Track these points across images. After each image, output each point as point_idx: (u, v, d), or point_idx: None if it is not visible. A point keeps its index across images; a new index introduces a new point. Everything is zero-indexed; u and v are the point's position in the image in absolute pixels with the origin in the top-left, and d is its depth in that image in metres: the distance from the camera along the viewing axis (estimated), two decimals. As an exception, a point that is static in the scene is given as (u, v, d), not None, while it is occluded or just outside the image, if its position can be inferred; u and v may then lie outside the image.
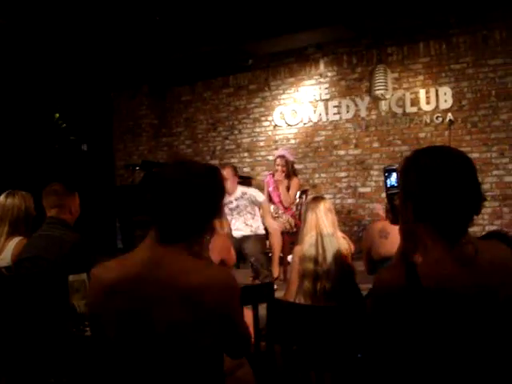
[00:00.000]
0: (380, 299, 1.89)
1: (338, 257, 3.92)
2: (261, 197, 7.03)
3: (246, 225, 6.92)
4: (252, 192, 7.05)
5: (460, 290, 1.77)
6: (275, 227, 7.12)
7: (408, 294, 1.77)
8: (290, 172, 7.75)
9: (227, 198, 6.94)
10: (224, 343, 1.95)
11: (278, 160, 7.72)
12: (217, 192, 1.96)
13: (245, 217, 6.93)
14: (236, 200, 6.92)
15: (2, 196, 4.28)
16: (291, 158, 7.88)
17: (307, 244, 3.97)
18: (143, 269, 1.86)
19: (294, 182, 7.74)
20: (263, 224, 7.04)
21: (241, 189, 7.02)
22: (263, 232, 7.04)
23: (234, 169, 7.11)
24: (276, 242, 7.06)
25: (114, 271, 1.90)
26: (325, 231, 3.96)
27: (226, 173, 6.79)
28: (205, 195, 1.88)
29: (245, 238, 6.82)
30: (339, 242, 4.02)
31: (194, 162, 2.04)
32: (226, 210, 6.98)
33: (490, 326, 1.78)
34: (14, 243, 4.13)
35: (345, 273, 3.95)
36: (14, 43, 8.55)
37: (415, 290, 1.76)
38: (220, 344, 1.93)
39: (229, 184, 6.86)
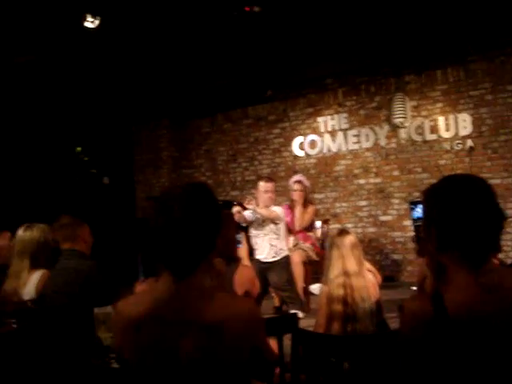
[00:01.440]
0: (408, 328, 1.88)
1: (367, 296, 3.83)
2: (277, 209, 6.89)
3: (272, 246, 6.84)
4: (279, 210, 6.95)
5: (486, 318, 1.76)
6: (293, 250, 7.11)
7: (436, 324, 1.76)
8: (307, 199, 7.72)
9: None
10: (251, 370, 1.96)
11: (296, 185, 7.68)
12: (211, 217, 1.90)
13: (269, 236, 6.87)
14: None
15: (21, 230, 4.23)
16: (307, 184, 7.86)
17: (334, 284, 3.83)
18: (167, 305, 1.85)
19: (310, 208, 7.69)
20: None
21: (273, 206, 6.95)
22: (287, 254, 6.89)
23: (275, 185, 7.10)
24: (297, 272, 6.99)
25: (137, 307, 1.89)
26: (351, 270, 3.82)
27: (271, 185, 6.82)
28: (192, 233, 1.84)
29: (270, 266, 6.70)
30: (366, 279, 3.92)
31: (177, 195, 1.91)
32: (254, 227, 6.93)
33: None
34: (37, 276, 4.06)
35: (374, 311, 3.87)
36: (40, 78, 8.69)
37: (443, 321, 1.76)
38: (247, 373, 1.92)
39: (272, 197, 6.81)
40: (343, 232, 4.06)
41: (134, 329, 1.87)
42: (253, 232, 6.95)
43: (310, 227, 7.71)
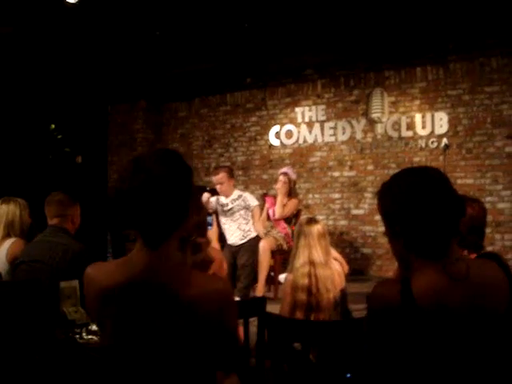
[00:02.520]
0: (375, 313, 1.89)
1: (332, 286, 3.83)
2: (254, 201, 7.12)
3: (240, 230, 6.96)
4: (247, 195, 7.16)
5: (453, 305, 1.78)
6: (261, 234, 7.22)
7: (403, 310, 1.77)
8: (292, 191, 7.77)
9: (223, 201, 6.97)
10: (218, 354, 1.93)
11: (281, 176, 7.77)
12: (181, 188, 1.86)
13: (239, 221, 6.97)
14: (232, 202, 6.96)
15: None
16: (293, 177, 7.90)
17: (299, 273, 3.83)
18: (142, 275, 1.82)
19: (293, 201, 7.75)
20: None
21: (237, 192, 7.10)
22: (254, 235, 7.09)
23: (230, 171, 7.13)
24: (264, 258, 7.05)
25: (110, 276, 1.86)
26: (317, 260, 3.82)
27: (221, 177, 6.85)
28: (170, 195, 1.80)
29: (238, 249, 6.93)
30: (332, 270, 3.92)
31: (151, 160, 1.88)
32: (221, 214, 7.02)
33: (480, 341, 1.79)
34: (9, 243, 4.20)
35: (338, 301, 3.87)
36: (15, 53, 8.56)
37: (409, 306, 1.76)
38: (214, 354, 1.91)
39: (224, 187, 6.89)
40: (311, 220, 4.05)
41: (106, 298, 1.84)
42: (222, 219, 7.04)
43: (290, 219, 7.75)
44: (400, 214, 1.86)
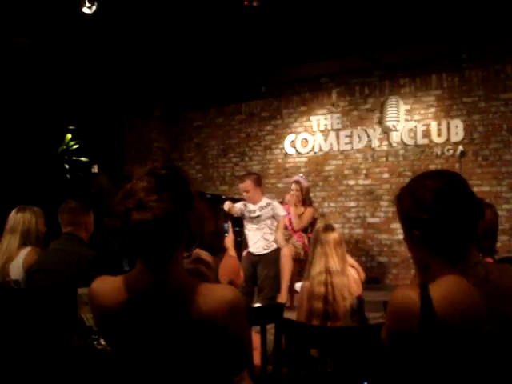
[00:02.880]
0: (394, 318, 1.88)
1: (348, 294, 3.82)
2: (283, 212, 7.02)
3: (264, 239, 6.92)
4: (276, 204, 7.04)
5: (472, 310, 1.76)
6: (283, 245, 7.08)
7: (421, 314, 1.76)
8: (306, 199, 7.75)
9: (251, 207, 6.94)
10: (228, 362, 1.93)
11: (293, 185, 7.75)
12: (177, 211, 1.79)
13: (264, 230, 6.92)
14: (260, 210, 6.90)
15: (14, 210, 4.39)
16: (305, 185, 7.87)
17: (316, 281, 3.83)
18: (146, 297, 1.82)
19: (309, 210, 7.74)
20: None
21: (266, 199, 7.03)
22: (276, 246, 6.99)
23: (257, 179, 7.03)
24: (286, 266, 7.00)
25: (114, 293, 1.85)
26: (334, 268, 3.82)
27: (247, 185, 6.82)
28: (165, 222, 1.74)
29: (259, 258, 6.87)
30: (348, 278, 3.91)
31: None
32: (247, 221, 6.99)
33: (503, 346, 1.77)
34: (25, 251, 4.23)
35: (355, 309, 3.86)
36: (32, 64, 8.64)
37: (427, 311, 1.75)
38: (225, 363, 1.91)
39: (250, 195, 6.86)
40: (328, 228, 4.05)
41: (111, 317, 1.85)
42: (247, 226, 7.01)
43: (306, 228, 7.74)
44: (421, 217, 1.84)
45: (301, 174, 8.48)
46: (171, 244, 1.80)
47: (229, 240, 6.60)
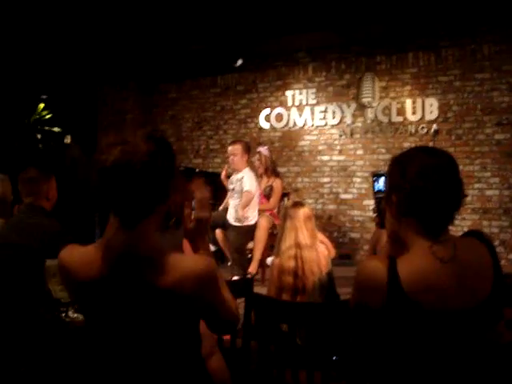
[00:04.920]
0: (362, 288, 1.90)
1: (317, 269, 3.82)
2: (247, 186, 6.89)
3: (236, 211, 6.90)
4: (246, 179, 6.93)
5: (439, 286, 1.79)
6: (244, 219, 6.97)
7: (387, 287, 1.78)
8: (269, 169, 7.63)
9: (232, 178, 6.91)
10: (208, 325, 1.94)
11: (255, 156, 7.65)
12: (162, 167, 1.81)
13: (236, 202, 6.91)
14: (235, 182, 6.92)
15: None
16: (266, 153, 7.68)
17: (286, 256, 3.82)
18: (117, 264, 1.80)
19: (277, 182, 7.62)
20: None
21: (245, 171, 6.97)
22: (251, 223, 6.97)
23: (245, 146, 7.03)
24: (261, 237, 6.96)
25: (86, 264, 1.83)
26: (303, 242, 3.80)
27: (236, 148, 6.79)
28: (149, 173, 1.76)
29: (231, 227, 6.90)
30: (318, 252, 3.91)
31: (132, 142, 1.82)
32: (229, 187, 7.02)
33: (467, 322, 1.80)
34: None
35: (325, 284, 3.86)
36: (4, 30, 8.48)
37: (394, 284, 1.77)
38: (197, 330, 1.91)
39: (236, 159, 6.81)
40: (298, 204, 4.05)
41: (83, 290, 1.84)
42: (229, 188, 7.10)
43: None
44: (401, 185, 1.88)
45: (264, 145, 8.28)
46: (150, 198, 1.79)
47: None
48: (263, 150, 7.77)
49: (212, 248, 6.91)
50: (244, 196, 6.90)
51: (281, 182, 7.79)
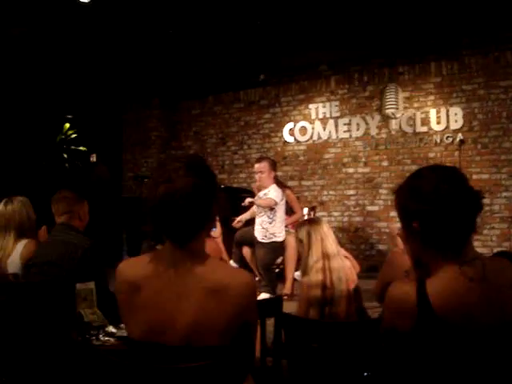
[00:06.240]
0: (390, 313, 1.89)
1: (344, 277, 3.81)
2: (273, 194, 6.80)
3: (262, 228, 6.88)
4: (272, 190, 6.86)
5: (469, 306, 1.77)
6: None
7: (418, 310, 1.77)
8: (278, 182, 7.27)
9: (259, 193, 6.91)
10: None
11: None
12: (206, 196, 1.91)
13: (262, 218, 6.87)
14: (262, 197, 6.88)
15: (1, 205, 4.29)
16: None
17: (314, 271, 3.79)
18: (169, 267, 1.88)
19: (288, 193, 7.50)
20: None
21: (272, 188, 6.89)
22: (279, 240, 6.93)
23: (272, 163, 7.01)
24: (291, 256, 6.96)
25: (138, 268, 1.93)
26: (330, 250, 3.80)
27: (263, 166, 6.79)
28: (194, 205, 1.85)
29: (258, 244, 6.85)
30: (344, 261, 3.91)
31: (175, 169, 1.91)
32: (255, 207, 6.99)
33: (498, 341, 1.78)
34: (22, 245, 4.15)
35: (352, 296, 3.84)
36: (30, 53, 8.61)
37: (424, 307, 1.76)
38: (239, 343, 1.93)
39: (263, 176, 6.81)
40: (315, 220, 4.09)
41: (133, 289, 1.89)
42: (255, 210, 7.04)
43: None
44: (420, 208, 1.84)
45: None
46: (197, 221, 1.88)
47: (216, 233, 6.44)
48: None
49: (234, 265, 6.94)
50: (268, 198, 6.81)
51: (291, 191, 7.81)
